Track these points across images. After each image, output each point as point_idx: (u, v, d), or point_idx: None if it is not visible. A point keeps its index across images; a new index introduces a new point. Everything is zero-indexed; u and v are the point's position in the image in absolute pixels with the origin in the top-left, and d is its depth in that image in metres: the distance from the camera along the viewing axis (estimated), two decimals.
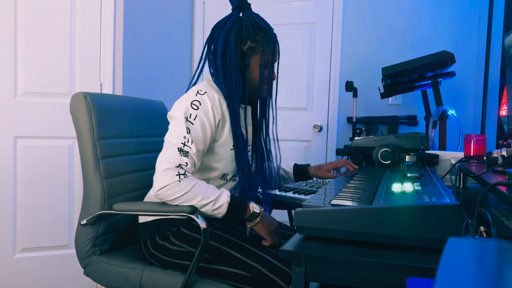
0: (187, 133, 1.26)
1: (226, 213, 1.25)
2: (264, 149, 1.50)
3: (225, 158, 1.36)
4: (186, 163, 1.24)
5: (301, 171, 1.68)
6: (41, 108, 2.25)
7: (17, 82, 2.20)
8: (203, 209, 1.25)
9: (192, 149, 1.26)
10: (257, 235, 1.41)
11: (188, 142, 1.25)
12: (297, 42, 2.94)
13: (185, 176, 1.23)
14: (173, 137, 1.27)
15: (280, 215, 1.77)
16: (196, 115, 1.28)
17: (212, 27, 1.45)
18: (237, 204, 1.28)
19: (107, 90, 2.36)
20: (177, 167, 1.23)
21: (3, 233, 2.21)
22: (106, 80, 2.36)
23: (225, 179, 1.41)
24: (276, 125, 1.50)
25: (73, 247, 2.33)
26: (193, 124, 1.27)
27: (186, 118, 1.27)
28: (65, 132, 2.30)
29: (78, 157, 2.31)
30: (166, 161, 1.23)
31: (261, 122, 1.47)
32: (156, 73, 2.82)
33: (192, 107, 1.29)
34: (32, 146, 2.25)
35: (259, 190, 1.52)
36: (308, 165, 1.70)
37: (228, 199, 1.26)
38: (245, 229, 1.40)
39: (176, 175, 1.22)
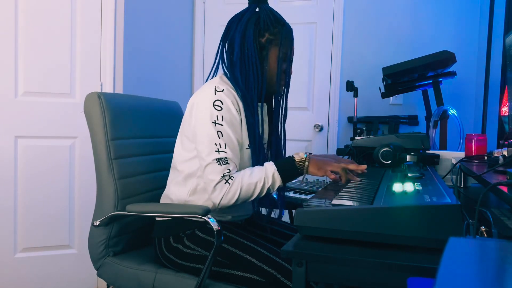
0: (219, 137, 1.25)
1: (283, 179, 1.25)
2: (280, 146, 1.48)
3: (241, 157, 1.35)
4: (228, 169, 1.24)
5: None
6: (41, 108, 2.25)
7: (17, 82, 2.20)
8: (264, 192, 1.25)
9: (228, 153, 1.26)
10: (273, 240, 1.40)
11: (221, 147, 1.25)
12: (298, 41, 2.92)
13: (232, 178, 1.24)
14: (205, 150, 1.26)
15: None
16: (222, 116, 1.27)
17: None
18: (283, 163, 1.28)
19: (108, 90, 2.36)
20: (222, 177, 1.23)
21: (4, 233, 2.21)
22: (107, 80, 2.36)
23: None
24: (284, 122, 1.49)
25: (74, 247, 2.35)
26: (222, 125, 1.26)
27: (214, 122, 1.26)
28: (65, 132, 2.30)
29: (78, 157, 2.34)
30: (212, 180, 1.24)
31: (277, 119, 1.45)
32: (156, 73, 2.82)
33: (215, 108, 1.27)
34: (32, 145, 2.25)
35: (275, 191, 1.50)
36: (309, 153, 1.65)
37: (274, 166, 1.26)
38: (262, 233, 1.39)
39: (225, 183, 1.23)
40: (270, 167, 1.26)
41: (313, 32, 2.94)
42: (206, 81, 1.40)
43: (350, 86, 2.51)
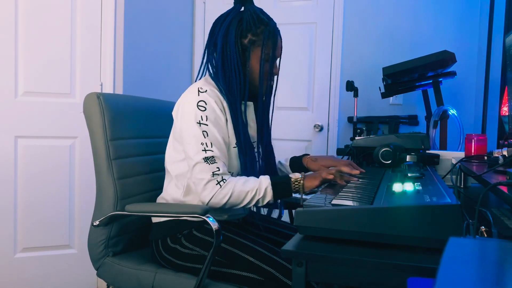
0: (205, 137, 1.26)
1: (274, 195, 1.27)
2: (267, 146, 1.49)
3: (229, 156, 1.35)
4: (217, 168, 1.25)
5: (296, 162, 1.61)
6: (41, 108, 2.25)
7: (17, 82, 2.20)
8: (253, 202, 1.27)
9: (215, 151, 1.26)
10: (273, 240, 1.40)
11: (208, 146, 1.26)
12: (298, 42, 2.94)
13: (224, 181, 1.25)
14: (193, 150, 1.27)
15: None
16: (206, 116, 1.28)
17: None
18: (279, 180, 1.29)
19: (108, 90, 2.36)
20: (212, 176, 1.24)
21: (4, 233, 2.21)
22: (107, 80, 2.36)
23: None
24: (271, 121, 1.50)
25: (74, 247, 2.35)
26: (207, 125, 1.27)
27: (199, 123, 1.27)
28: (65, 132, 2.30)
29: (78, 157, 2.34)
30: (201, 179, 1.24)
31: (262, 118, 1.45)
32: (156, 73, 2.82)
33: (199, 109, 1.28)
34: (32, 146, 2.25)
35: None
36: (305, 155, 1.62)
37: (269, 180, 1.27)
38: (260, 232, 1.38)
39: (216, 184, 1.24)
40: (265, 181, 1.27)
41: (313, 32, 2.94)
42: (200, 78, 1.40)
43: (350, 86, 2.51)
